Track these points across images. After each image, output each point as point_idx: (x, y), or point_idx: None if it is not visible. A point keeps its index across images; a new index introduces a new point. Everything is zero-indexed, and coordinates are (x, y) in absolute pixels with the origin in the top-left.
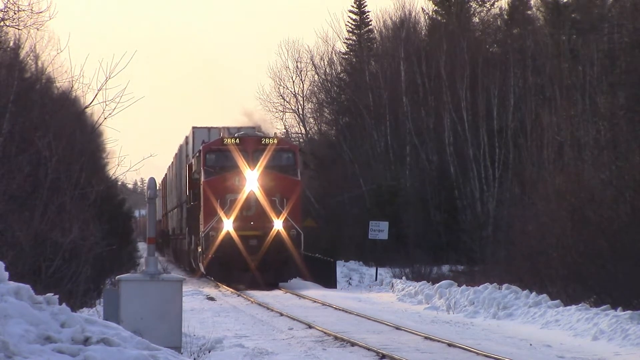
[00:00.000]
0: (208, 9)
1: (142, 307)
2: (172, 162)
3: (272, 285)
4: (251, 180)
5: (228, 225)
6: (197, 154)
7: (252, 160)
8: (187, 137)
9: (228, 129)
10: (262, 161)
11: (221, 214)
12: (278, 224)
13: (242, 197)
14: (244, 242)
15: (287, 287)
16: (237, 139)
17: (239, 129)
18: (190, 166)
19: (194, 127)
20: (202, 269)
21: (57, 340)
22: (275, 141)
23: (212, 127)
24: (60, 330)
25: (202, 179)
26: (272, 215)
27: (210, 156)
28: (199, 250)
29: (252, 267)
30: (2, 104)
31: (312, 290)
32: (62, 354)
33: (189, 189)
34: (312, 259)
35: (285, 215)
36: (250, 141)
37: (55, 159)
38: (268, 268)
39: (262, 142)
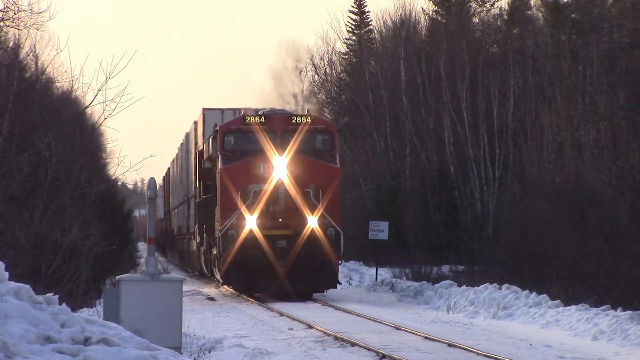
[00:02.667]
0: (208, 8)
1: (142, 307)
2: (177, 155)
3: (304, 297)
4: (279, 167)
5: (251, 222)
6: (213, 136)
7: (280, 143)
8: (195, 123)
9: (244, 110)
10: (293, 144)
11: (243, 208)
12: (312, 221)
13: (269, 188)
14: (271, 243)
15: (321, 298)
16: (262, 117)
17: (257, 110)
18: (200, 153)
19: (204, 109)
20: (217, 275)
21: (57, 340)
22: (309, 119)
23: (225, 109)
24: (60, 330)
25: (220, 165)
26: (305, 210)
27: (229, 138)
28: (214, 252)
29: (280, 274)
30: (2, 104)
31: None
32: (62, 354)
33: (199, 180)
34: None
35: (321, 210)
36: (278, 120)
37: (55, 159)
38: (300, 276)
39: (293, 120)
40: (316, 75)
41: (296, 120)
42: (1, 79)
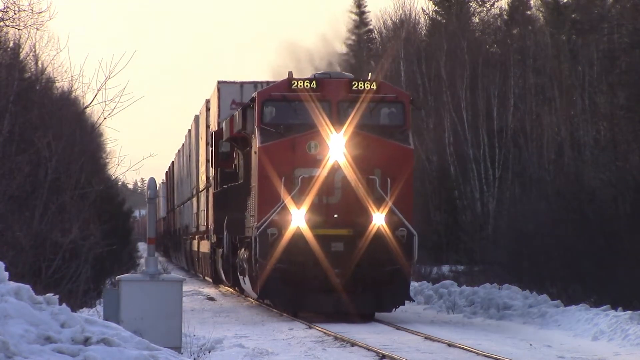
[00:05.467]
0: (208, 8)
1: (142, 307)
2: (183, 145)
3: (366, 317)
4: (336, 146)
5: (298, 218)
6: (249, 106)
7: (336, 116)
8: (207, 101)
9: (289, 73)
10: (354, 117)
11: (287, 200)
12: (378, 219)
13: (322, 173)
14: (324, 246)
15: (386, 318)
16: (314, 82)
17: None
18: (217, 134)
19: (219, 82)
20: (246, 285)
21: (57, 340)
22: (375, 86)
23: (245, 82)
24: (60, 330)
25: (257, 143)
26: (369, 203)
27: (270, 108)
28: (241, 256)
29: (336, 285)
30: (2, 104)
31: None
32: (62, 354)
33: (216, 167)
34: None
35: (390, 204)
36: (335, 85)
37: (55, 159)
38: (362, 288)
39: (353, 86)
40: None
41: (358, 86)
42: (1, 79)
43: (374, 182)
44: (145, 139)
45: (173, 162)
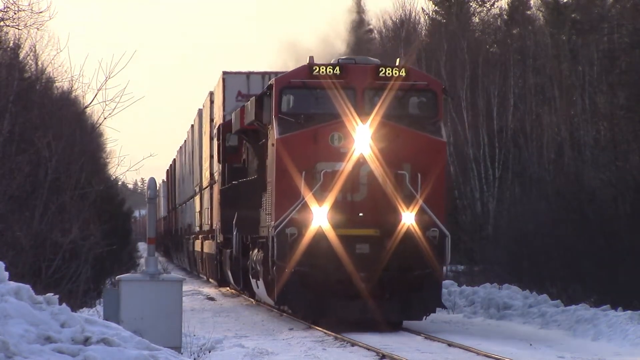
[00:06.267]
0: (207, 7)
1: (142, 307)
2: (185, 141)
3: (394, 325)
4: (362, 138)
5: (320, 216)
6: (266, 94)
7: (362, 105)
8: (211, 94)
9: (309, 58)
10: (381, 106)
11: (308, 196)
12: (408, 218)
13: (346, 168)
14: (348, 247)
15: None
16: (338, 68)
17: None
18: (225, 127)
19: (224, 73)
20: (259, 290)
21: (57, 340)
22: (404, 72)
23: (252, 72)
24: (60, 330)
25: (275, 134)
26: (398, 201)
27: (289, 96)
28: (255, 258)
29: (361, 291)
30: (2, 104)
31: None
32: (62, 354)
33: (223, 163)
34: None
35: (421, 202)
36: (360, 72)
37: (55, 159)
38: (390, 294)
39: (381, 73)
40: None
41: (385, 72)
42: (1, 79)
43: (403, 177)
44: (146, 139)
45: (174, 159)
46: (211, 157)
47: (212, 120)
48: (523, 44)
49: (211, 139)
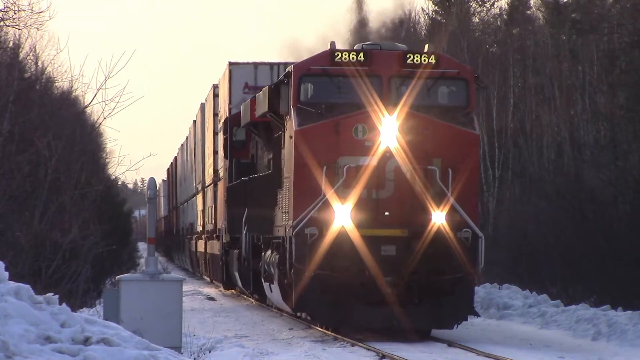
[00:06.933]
0: (207, 6)
1: (142, 307)
2: (187, 138)
3: (422, 333)
4: (388, 131)
5: (343, 215)
6: (283, 82)
7: (388, 94)
8: (215, 87)
9: (331, 44)
10: (409, 96)
11: (329, 193)
12: (438, 217)
13: (371, 162)
14: (373, 249)
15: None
16: (362, 54)
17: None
18: (232, 120)
19: (231, 63)
20: (273, 294)
21: (57, 340)
22: (434, 59)
23: (260, 63)
24: (60, 330)
25: (294, 126)
26: (427, 199)
27: (308, 84)
28: (268, 259)
29: (387, 296)
30: (2, 104)
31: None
32: (62, 354)
33: (230, 158)
34: None
35: (452, 200)
36: (386, 58)
37: (55, 159)
38: (418, 300)
39: (408, 59)
40: None
41: (413, 59)
42: (1, 79)
43: (432, 173)
44: (146, 139)
45: (175, 157)
46: (215, 153)
47: (216, 114)
48: (523, 44)
49: (215, 134)
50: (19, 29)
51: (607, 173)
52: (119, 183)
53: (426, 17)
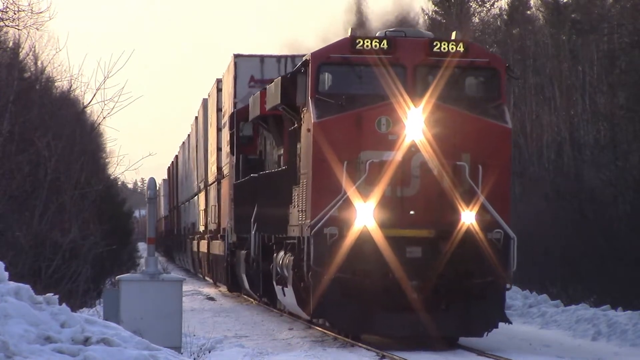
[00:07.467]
0: (207, 6)
1: (142, 307)
2: (189, 135)
3: (449, 341)
4: (414, 124)
5: (365, 214)
6: (300, 71)
7: (414, 85)
8: (218, 81)
9: (351, 30)
10: (436, 87)
11: (350, 190)
12: (467, 217)
13: (396, 158)
14: (398, 251)
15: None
16: (385, 42)
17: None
18: (239, 114)
19: (236, 56)
20: (287, 297)
21: (57, 340)
22: (462, 47)
23: (267, 55)
24: (60, 330)
25: (312, 118)
26: (456, 198)
27: (327, 74)
28: (281, 261)
29: (413, 302)
30: (2, 104)
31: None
32: (62, 354)
33: (237, 154)
34: None
35: (482, 199)
36: (412, 46)
37: (55, 159)
38: (446, 305)
39: (435, 47)
40: None
41: (440, 47)
42: (1, 79)
43: (461, 169)
44: (146, 138)
45: (176, 156)
46: (218, 149)
47: (219, 109)
48: (523, 44)
49: (218, 130)
50: (18, 29)
51: (607, 173)
52: (119, 183)
53: (426, 18)
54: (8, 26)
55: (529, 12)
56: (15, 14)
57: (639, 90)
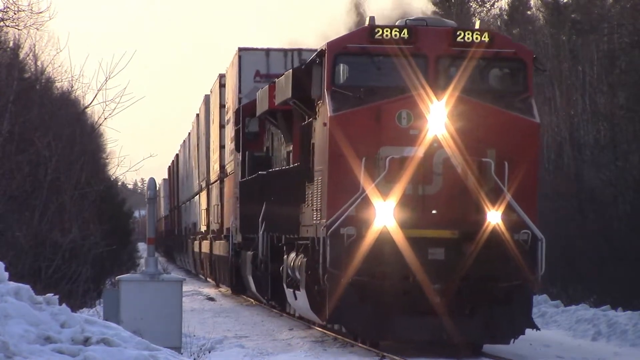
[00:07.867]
0: (207, 6)
1: (142, 307)
2: (189, 134)
3: (473, 347)
4: (436, 118)
5: (385, 214)
6: (315, 62)
7: (436, 77)
8: (221, 77)
9: (369, 19)
10: (459, 79)
11: (369, 188)
12: (493, 217)
13: (417, 154)
14: (419, 252)
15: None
16: (406, 31)
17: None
18: (245, 110)
19: (240, 49)
20: (299, 300)
21: (57, 340)
22: (487, 37)
23: (273, 49)
24: (60, 330)
25: (329, 112)
26: (481, 196)
27: (344, 65)
28: (293, 262)
29: (435, 306)
30: (2, 104)
31: None
32: (62, 354)
33: (242, 151)
34: None
35: (509, 198)
36: (434, 36)
37: (55, 159)
38: (470, 310)
39: (459, 37)
40: None
41: (464, 37)
42: (1, 79)
43: (487, 166)
44: (146, 139)
45: (177, 155)
46: (221, 147)
47: (222, 106)
48: (523, 44)
49: (221, 127)
50: (18, 29)
51: (607, 173)
52: (119, 184)
53: None
54: (8, 26)
55: (529, 12)
56: (15, 14)
57: (639, 90)
